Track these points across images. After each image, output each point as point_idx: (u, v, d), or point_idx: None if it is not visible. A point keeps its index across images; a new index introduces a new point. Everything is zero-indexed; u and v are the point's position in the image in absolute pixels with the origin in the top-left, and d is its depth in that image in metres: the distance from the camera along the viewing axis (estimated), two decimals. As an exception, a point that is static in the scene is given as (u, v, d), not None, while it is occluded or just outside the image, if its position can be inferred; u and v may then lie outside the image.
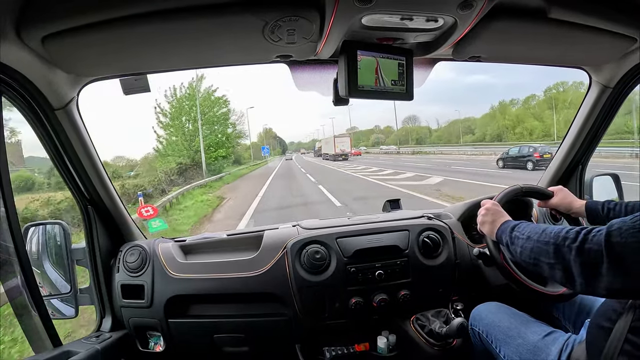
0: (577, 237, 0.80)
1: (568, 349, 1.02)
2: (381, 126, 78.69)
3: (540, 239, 0.90)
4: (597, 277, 0.76)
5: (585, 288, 0.79)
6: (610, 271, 0.74)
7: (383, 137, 71.01)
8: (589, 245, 0.78)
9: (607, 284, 0.75)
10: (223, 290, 1.43)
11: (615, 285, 0.74)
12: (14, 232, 0.99)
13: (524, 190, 1.31)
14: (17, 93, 1.01)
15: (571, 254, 0.80)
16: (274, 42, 0.98)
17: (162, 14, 0.85)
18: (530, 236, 0.93)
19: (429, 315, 1.45)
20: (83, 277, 1.51)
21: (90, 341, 1.32)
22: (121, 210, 1.48)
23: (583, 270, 0.78)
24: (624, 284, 0.74)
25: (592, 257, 0.77)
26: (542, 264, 0.88)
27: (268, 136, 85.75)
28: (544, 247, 0.88)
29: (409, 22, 0.95)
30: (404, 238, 1.48)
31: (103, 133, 31.32)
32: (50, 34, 0.86)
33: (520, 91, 77.03)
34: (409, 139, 65.05)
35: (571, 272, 0.80)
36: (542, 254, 0.88)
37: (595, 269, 0.76)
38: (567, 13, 1.00)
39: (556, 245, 0.84)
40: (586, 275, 0.78)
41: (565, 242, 0.82)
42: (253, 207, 9.95)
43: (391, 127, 77.21)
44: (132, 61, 1.08)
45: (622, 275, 0.73)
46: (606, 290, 0.76)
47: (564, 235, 0.84)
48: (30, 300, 1.05)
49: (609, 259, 0.74)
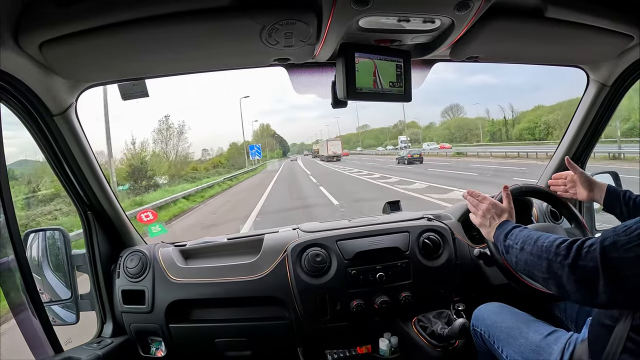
0: (569, 254, 0.78)
1: (570, 348, 1.02)
2: (406, 120, 62.51)
3: (533, 251, 0.88)
4: (594, 294, 0.74)
5: (583, 303, 0.79)
6: (609, 287, 0.72)
7: (419, 132, 54.13)
8: (583, 262, 0.76)
9: (606, 300, 0.74)
10: (224, 294, 1.43)
11: (616, 303, 0.74)
12: (14, 239, 0.99)
13: (524, 190, 1.31)
14: (15, 99, 1.01)
15: (564, 271, 0.79)
16: (271, 46, 0.98)
17: (159, 19, 0.85)
18: (524, 247, 0.92)
19: (431, 317, 1.45)
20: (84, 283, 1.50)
21: (92, 347, 1.32)
22: (121, 215, 1.48)
23: (579, 288, 0.77)
24: (624, 298, 0.73)
25: (587, 275, 0.75)
26: (537, 277, 0.88)
27: (265, 134, 72.27)
28: (537, 262, 0.86)
29: (406, 24, 0.95)
30: (404, 239, 1.48)
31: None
32: (47, 40, 0.86)
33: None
34: (465, 134, 44.80)
35: (565, 290, 0.80)
36: (535, 267, 0.87)
37: (591, 285, 0.74)
38: (564, 12, 1.01)
39: (548, 260, 0.83)
40: (582, 292, 0.77)
41: (557, 258, 0.81)
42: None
43: (417, 121, 61.78)
44: (130, 66, 1.08)
45: (622, 291, 0.72)
46: (605, 305, 0.76)
47: (555, 251, 0.82)
48: (31, 306, 1.05)
49: (605, 276, 0.72)
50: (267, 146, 66.37)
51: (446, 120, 53.80)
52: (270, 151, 67.55)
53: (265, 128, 74.95)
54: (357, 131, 79.34)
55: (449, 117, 54.51)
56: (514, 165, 16.44)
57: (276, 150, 74.23)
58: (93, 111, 13.08)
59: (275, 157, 65.45)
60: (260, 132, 72.00)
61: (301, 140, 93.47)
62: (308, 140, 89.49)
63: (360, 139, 75.09)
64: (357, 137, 76.61)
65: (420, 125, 60.22)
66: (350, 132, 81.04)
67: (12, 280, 1.04)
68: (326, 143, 38.40)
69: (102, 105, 13.00)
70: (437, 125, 55.98)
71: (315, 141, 61.09)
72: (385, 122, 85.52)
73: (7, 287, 1.05)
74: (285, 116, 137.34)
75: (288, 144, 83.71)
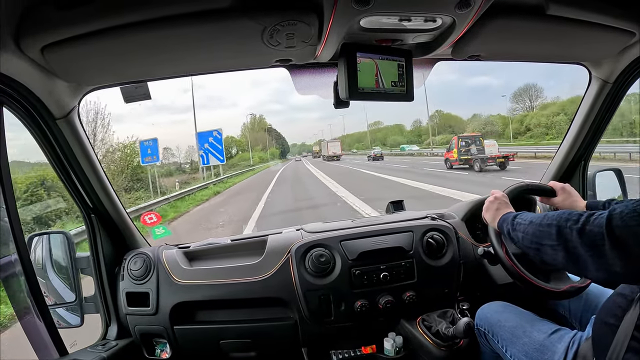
0: (579, 219, 0.82)
1: (575, 346, 1.02)
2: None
3: (543, 222, 0.91)
4: (600, 259, 0.77)
5: (589, 268, 0.80)
6: (613, 253, 0.74)
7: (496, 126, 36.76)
8: (590, 227, 0.79)
9: (608, 267, 0.76)
10: (228, 295, 1.43)
11: (617, 268, 0.75)
12: (18, 242, 0.99)
13: (529, 188, 1.31)
14: (18, 103, 1.01)
15: (572, 235, 0.81)
16: (273, 47, 0.98)
17: (161, 22, 0.85)
18: (533, 221, 0.95)
19: (435, 316, 1.44)
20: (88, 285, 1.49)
21: (96, 349, 1.32)
22: (124, 217, 1.48)
23: (585, 251, 0.79)
24: (623, 267, 0.74)
25: (593, 238, 0.78)
26: (545, 247, 0.89)
27: (257, 128, 57.29)
28: (546, 230, 0.89)
29: (408, 23, 0.95)
30: (408, 239, 1.48)
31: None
32: (49, 44, 0.86)
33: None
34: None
35: (573, 253, 0.82)
36: (544, 236, 0.89)
37: (596, 249, 0.77)
38: (565, 9, 1.01)
39: (559, 226, 0.85)
40: (589, 256, 0.79)
41: (567, 223, 0.84)
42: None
43: (459, 116, 48.87)
44: (132, 69, 1.08)
45: (624, 258, 0.74)
46: (608, 272, 0.77)
47: (566, 217, 0.85)
48: (35, 309, 1.05)
49: (610, 241, 0.75)
50: (257, 143, 52.36)
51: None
52: (262, 150, 51.57)
53: (257, 120, 60.15)
54: (369, 127, 67.78)
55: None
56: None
57: (270, 149, 55.93)
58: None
59: (269, 158, 49.34)
60: (252, 124, 57.64)
61: (302, 141, 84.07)
62: (309, 140, 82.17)
63: (375, 137, 62.03)
64: (371, 135, 63.93)
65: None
66: (361, 130, 69.62)
67: (16, 283, 1.04)
68: (327, 144, 39.82)
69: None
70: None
71: (317, 141, 55.94)
72: (399, 119, 75.69)
73: (12, 291, 1.06)
74: (286, 117, 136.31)
75: (288, 143, 71.73)
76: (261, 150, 51.61)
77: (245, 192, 15.73)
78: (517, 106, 40.79)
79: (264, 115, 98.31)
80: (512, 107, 41.11)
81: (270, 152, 54.24)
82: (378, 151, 35.09)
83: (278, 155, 57.63)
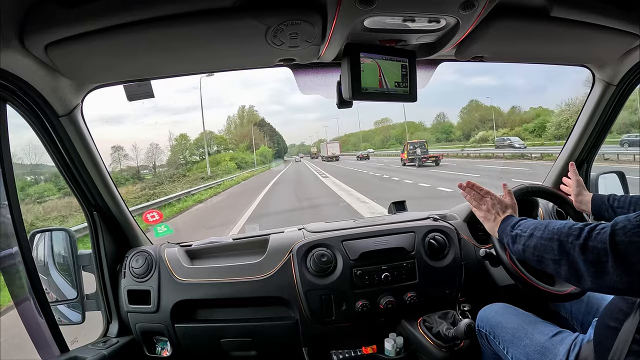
0: (581, 234, 0.80)
1: (576, 349, 1.01)
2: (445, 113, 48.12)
3: (544, 235, 0.89)
4: (603, 275, 0.75)
5: (592, 285, 0.79)
6: (617, 270, 0.73)
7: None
8: (593, 243, 0.77)
9: (612, 283, 0.74)
10: (229, 294, 1.43)
11: (621, 284, 0.73)
12: (20, 239, 1.00)
13: (530, 190, 1.31)
14: (21, 100, 1.02)
15: (575, 251, 0.80)
16: (276, 46, 0.98)
17: (165, 20, 0.85)
18: (534, 233, 0.93)
19: (436, 317, 1.44)
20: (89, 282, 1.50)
21: (97, 347, 1.32)
22: (126, 215, 1.49)
23: (588, 268, 0.77)
24: (630, 283, 0.73)
25: (596, 255, 0.76)
26: (547, 260, 0.88)
27: (246, 122, 47.18)
28: (547, 244, 0.87)
29: (411, 24, 0.95)
30: (410, 240, 1.48)
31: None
32: (53, 42, 0.86)
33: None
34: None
35: (577, 269, 0.80)
36: (546, 250, 0.87)
37: (600, 266, 0.75)
38: (569, 11, 1.00)
39: (560, 241, 0.84)
40: (592, 273, 0.77)
41: (569, 238, 0.82)
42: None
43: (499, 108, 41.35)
44: (135, 67, 1.08)
45: (628, 274, 0.72)
46: (611, 289, 0.76)
47: (567, 232, 0.83)
48: (37, 306, 1.05)
49: (614, 257, 0.73)
50: (243, 139, 42.11)
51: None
52: (248, 150, 40.95)
53: (247, 112, 48.35)
54: (374, 125, 60.16)
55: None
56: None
57: (261, 148, 44.41)
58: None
59: (258, 160, 38.85)
60: (239, 117, 46.59)
61: (301, 141, 76.04)
62: (308, 140, 77.01)
63: (389, 134, 54.78)
64: (384, 133, 56.25)
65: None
66: (367, 129, 61.87)
67: (18, 280, 1.04)
68: (326, 145, 40.15)
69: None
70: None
71: (317, 141, 54.24)
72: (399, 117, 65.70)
73: (14, 287, 1.06)
74: (285, 118, 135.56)
75: (286, 143, 63.61)
76: (247, 150, 41.08)
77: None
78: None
79: (255, 107, 78.10)
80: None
81: (259, 152, 42.63)
82: (365, 152, 39.92)
83: (271, 156, 46.22)
